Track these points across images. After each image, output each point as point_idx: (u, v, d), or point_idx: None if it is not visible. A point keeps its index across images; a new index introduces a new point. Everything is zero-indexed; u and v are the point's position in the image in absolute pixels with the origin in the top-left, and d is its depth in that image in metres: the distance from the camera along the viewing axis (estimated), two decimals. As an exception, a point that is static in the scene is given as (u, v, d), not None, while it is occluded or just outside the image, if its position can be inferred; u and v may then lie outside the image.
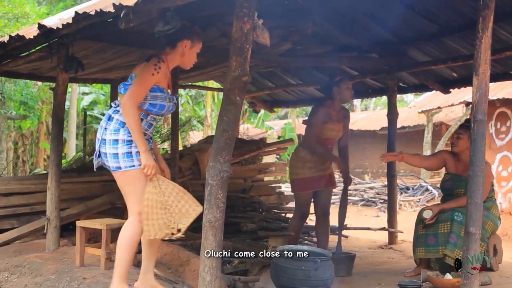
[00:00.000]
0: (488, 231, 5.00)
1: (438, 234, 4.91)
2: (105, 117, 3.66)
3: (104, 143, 3.58)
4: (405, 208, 13.29)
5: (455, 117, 16.37)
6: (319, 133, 5.39)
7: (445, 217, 4.93)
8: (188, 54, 3.77)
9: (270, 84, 8.99)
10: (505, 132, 10.22)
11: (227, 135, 3.55)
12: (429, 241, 4.98)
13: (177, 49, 3.73)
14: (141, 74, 3.58)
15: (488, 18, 3.58)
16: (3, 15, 10.34)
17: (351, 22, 6.21)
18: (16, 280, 4.56)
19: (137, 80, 3.55)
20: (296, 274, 4.07)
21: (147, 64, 3.59)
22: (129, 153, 3.55)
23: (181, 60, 3.79)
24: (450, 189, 5.23)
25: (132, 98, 3.51)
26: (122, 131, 3.56)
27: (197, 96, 22.18)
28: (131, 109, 3.50)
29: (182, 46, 3.73)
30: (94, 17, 3.76)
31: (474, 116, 3.62)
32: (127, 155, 3.54)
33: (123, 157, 3.54)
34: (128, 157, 3.55)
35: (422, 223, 5.05)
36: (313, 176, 5.41)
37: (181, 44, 3.72)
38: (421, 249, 5.03)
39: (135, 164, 3.55)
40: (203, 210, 3.56)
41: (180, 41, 3.71)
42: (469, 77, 3.84)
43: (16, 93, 11.43)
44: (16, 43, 4.78)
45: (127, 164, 3.55)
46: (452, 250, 4.76)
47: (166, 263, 4.84)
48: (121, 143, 3.55)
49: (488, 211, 5.00)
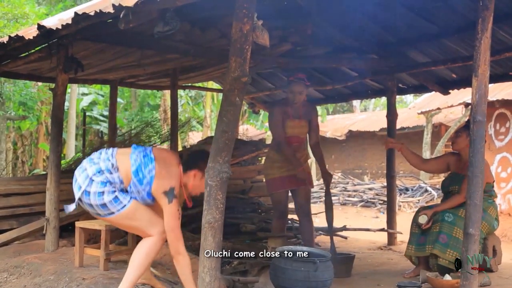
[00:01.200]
0: (483, 232, 5.01)
1: (428, 234, 4.95)
2: (95, 168, 3.63)
3: (87, 194, 3.58)
4: (404, 209, 13.29)
5: (455, 118, 16.37)
6: (282, 132, 5.40)
7: (436, 217, 4.96)
8: (197, 182, 3.80)
9: (269, 85, 8.99)
10: (504, 133, 10.23)
11: (226, 136, 3.55)
12: (420, 240, 5.03)
13: (187, 175, 3.79)
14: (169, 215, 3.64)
15: (487, 19, 3.58)
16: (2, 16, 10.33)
17: (350, 23, 6.21)
18: (15, 281, 4.56)
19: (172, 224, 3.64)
20: (296, 275, 4.07)
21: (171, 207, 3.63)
22: (116, 198, 3.59)
23: (188, 186, 3.83)
24: (447, 187, 5.27)
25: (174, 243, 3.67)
26: (108, 186, 3.59)
27: (196, 97, 22.18)
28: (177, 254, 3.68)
29: (192, 175, 3.78)
30: (94, 17, 3.76)
31: (473, 117, 3.62)
32: (115, 200, 3.59)
33: (111, 204, 3.57)
34: (116, 201, 3.59)
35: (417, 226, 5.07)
36: (282, 176, 5.42)
37: (190, 173, 3.78)
38: (412, 246, 5.09)
39: (125, 203, 3.61)
40: (203, 211, 3.56)
41: (191, 170, 3.78)
42: (469, 78, 3.84)
43: (16, 93, 11.42)
44: (16, 43, 4.78)
45: (118, 207, 3.59)
46: (442, 250, 4.77)
47: (166, 264, 4.83)
48: (107, 194, 3.57)
49: (484, 212, 5.01)
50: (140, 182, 3.63)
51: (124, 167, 3.65)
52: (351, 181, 16.56)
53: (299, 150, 5.51)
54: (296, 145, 5.48)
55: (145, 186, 3.65)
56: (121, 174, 3.63)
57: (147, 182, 3.64)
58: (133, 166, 3.64)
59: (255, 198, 8.01)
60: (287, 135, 5.41)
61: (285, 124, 5.40)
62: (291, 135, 5.43)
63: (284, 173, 5.42)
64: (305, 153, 5.63)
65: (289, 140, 5.43)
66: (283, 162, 5.42)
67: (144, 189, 3.65)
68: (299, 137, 5.49)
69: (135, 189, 3.65)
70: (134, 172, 3.63)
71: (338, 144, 21.05)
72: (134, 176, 3.63)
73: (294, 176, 5.40)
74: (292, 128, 5.43)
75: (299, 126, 5.45)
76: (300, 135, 5.50)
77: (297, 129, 5.45)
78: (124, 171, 3.64)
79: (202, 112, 21.39)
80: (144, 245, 3.70)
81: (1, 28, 10.04)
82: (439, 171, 5.61)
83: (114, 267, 4.60)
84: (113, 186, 3.60)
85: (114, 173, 3.62)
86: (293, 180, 5.42)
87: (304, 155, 5.58)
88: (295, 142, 5.47)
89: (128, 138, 10.29)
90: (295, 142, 5.47)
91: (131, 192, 3.65)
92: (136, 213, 3.64)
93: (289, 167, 5.39)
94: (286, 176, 5.42)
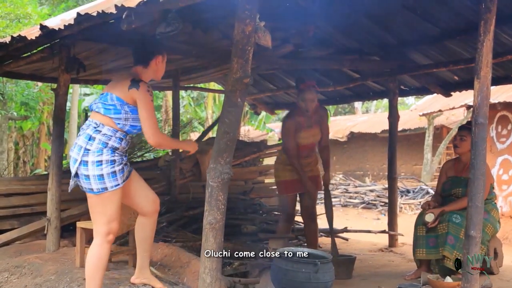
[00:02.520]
0: (488, 234, 5.00)
1: (438, 236, 4.92)
2: (85, 137, 3.57)
3: (85, 164, 3.52)
4: (405, 211, 13.28)
5: (456, 120, 16.36)
6: (293, 145, 5.43)
7: (443, 218, 4.94)
8: (160, 67, 3.83)
9: (271, 86, 8.99)
10: (506, 135, 10.21)
11: (228, 137, 3.55)
12: (430, 243, 4.99)
13: (151, 66, 3.76)
14: (145, 104, 3.57)
15: (489, 22, 3.58)
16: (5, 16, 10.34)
17: (352, 25, 6.21)
18: (16, 281, 4.56)
19: (149, 113, 3.57)
20: (296, 276, 4.06)
21: (142, 91, 3.57)
22: (114, 173, 3.54)
23: (154, 75, 3.82)
24: (448, 190, 5.25)
25: (156, 132, 3.61)
26: (106, 152, 3.54)
27: (198, 98, 22.19)
28: (161, 140, 3.70)
29: (155, 63, 3.77)
30: (96, 18, 3.76)
31: (475, 119, 3.62)
32: (112, 175, 3.52)
33: (108, 177, 3.51)
34: (113, 176, 3.52)
35: (423, 225, 5.05)
36: (294, 179, 5.45)
37: (154, 61, 3.76)
38: (422, 250, 5.04)
39: (119, 183, 3.55)
40: (204, 212, 3.56)
41: (153, 58, 3.75)
42: (471, 81, 3.85)
43: (17, 93, 11.43)
44: (18, 44, 4.78)
45: (113, 183, 3.52)
46: (450, 251, 4.77)
47: (167, 264, 4.83)
48: (105, 164, 3.52)
49: (488, 214, 5.00)
50: (116, 111, 3.59)
51: (101, 118, 3.60)
52: (352, 183, 16.55)
53: (310, 155, 5.57)
54: (307, 151, 5.53)
55: (121, 107, 3.58)
56: (106, 124, 3.58)
57: (120, 104, 3.58)
58: (102, 109, 3.60)
59: (256, 199, 8.01)
60: (300, 144, 5.45)
61: (298, 135, 5.43)
62: (304, 144, 5.48)
63: (295, 176, 5.44)
64: (315, 156, 5.65)
65: (303, 148, 5.48)
66: None
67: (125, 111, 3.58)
68: (313, 144, 5.57)
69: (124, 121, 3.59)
70: (106, 111, 3.59)
71: (340, 145, 21.04)
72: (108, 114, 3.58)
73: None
74: (306, 138, 5.47)
75: (312, 135, 5.50)
76: (314, 142, 5.57)
77: (311, 138, 5.50)
78: (105, 120, 3.59)
79: (203, 113, 21.42)
80: (91, 250, 3.63)
81: (4, 28, 10.04)
82: None
83: (115, 268, 4.60)
84: (111, 148, 3.55)
85: (102, 128, 3.57)
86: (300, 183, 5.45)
87: (314, 159, 5.62)
88: (307, 148, 5.53)
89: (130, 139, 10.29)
90: (307, 148, 5.53)
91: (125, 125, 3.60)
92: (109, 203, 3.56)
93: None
94: (297, 179, 5.44)
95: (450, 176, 5.31)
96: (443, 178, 5.42)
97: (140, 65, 3.75)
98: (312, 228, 5.61)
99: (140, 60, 3.76)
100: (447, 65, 6.33)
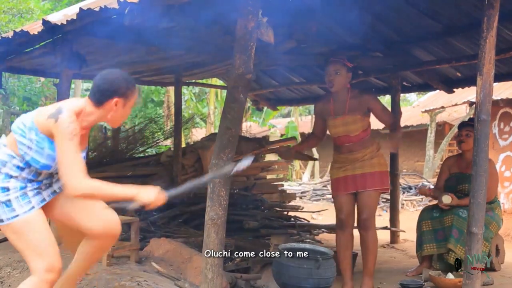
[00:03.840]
0: (492, 231, 5.01)
1: (445, 228, 4.93)
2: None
3: None
4: (407, 208, 13.27)
5: (459, 116, 16.35)
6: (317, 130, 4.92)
7: (450, 211, 4.94)
8: (120, 114, 2.91)
9: (273, 82, 8.98)
10: (508, 132, 10.20)
11: (230, 132, 3.55)
12: (439, 236, 4.99)
13: (104, 108, 2.87)
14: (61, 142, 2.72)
15: (493, 18, 3.58)
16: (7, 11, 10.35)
17: (355, 21, 6.19)
18: (18, 275, 4.57)
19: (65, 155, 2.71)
20: (298, 272, 4.07)
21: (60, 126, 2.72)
22: (8, 202, 2.79)
23: (106, 119, 2.92)
24: (453, 186, 5.24)
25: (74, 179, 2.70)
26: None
27: (200, 94, 22.17)
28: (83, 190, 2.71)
29: (111, 106, 2.85)
30: (99, 13, 3.76)
31: (477, 116, 3.62)
32: (7, 205, 2.77)
33: (1, 208, 2.77)
34: (8, 206, 2.78)
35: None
36: (339, 177, 4.67)
37: (110, 104, 2.85)
38: (432, 245, 5.03)
39: (19, 213, 2.78)
40: (206, 208, 3.56)
41: (110, 99, 2.84)
42: (473, 77, 3.84)
43: (20, 88, 11.45)
44: (21, 39, 4.78)
45: (8, 215, 2.77)
46: (454, 245, 4.77)
47: (168, 260, 4.84)
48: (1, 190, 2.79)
49: (493, 212, 5.03)
50: (22, 133, 2.81)
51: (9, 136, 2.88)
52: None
53: (358, 150, 4.62)
54: (350, 144, 4.64)
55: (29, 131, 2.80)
56: (8, 146, 2.84)
57: (29, 128, 2.81)
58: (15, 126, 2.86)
59: (258, 195, 8.02)
60: (333, 136, 4.72)
61: (327, 124, 4.75)
62: (337, 135, 4.68)
63: (341, 174, 4.66)
64: (369, 151, 4.62)
65: (338, 141, 4.70)
66: (342, 162, 4.68)
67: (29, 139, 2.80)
68: (348, 135, 4.62)
69: (27, 149, 2.80)
70: (14, 130, 2.84)
71: (342, 142, 20.98)
72: (15, 133, 2.82)
73: (352, 177, 4.60)
74: (335, 128, 4.67)
75: (342, 124, 4.61)
76: (351, 134, 4.60)
77: (341, 127, 4.62)
78: (9, 141, 2.86)
79: (205, 109, 21.39)
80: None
81: (6, 23, 10.06)
82: None
83: (117, 263, 4.61)
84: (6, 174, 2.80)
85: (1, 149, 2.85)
86: (349, 181, 4.62)
87: (367, 153, 4.61)
88: (347, 142, 4.64)
89: (132, 134, 10.31)
90: (346, 142, 4.64)
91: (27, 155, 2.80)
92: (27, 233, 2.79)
93: (348, 166, 4.62)
94: (342, 177, 4.65)
95: (454, 173, 5.31)
96: (445, 175, 5.41)
97: (93, 101, 2.86)
98: (363, 239, 4.60)
99: (94, 95, 2.85)
100: (450, 61, 6.31)
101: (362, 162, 4.59)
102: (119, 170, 7.51)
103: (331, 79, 4.58)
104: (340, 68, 4.59)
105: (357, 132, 4.59)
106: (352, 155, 4.61)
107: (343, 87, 4.62)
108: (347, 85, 4.66)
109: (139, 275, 4.19)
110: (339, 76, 4.57)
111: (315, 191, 15.71)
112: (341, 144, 4.67)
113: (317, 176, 20.00)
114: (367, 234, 4.57)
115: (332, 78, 4.58)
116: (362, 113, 4.59)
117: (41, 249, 2.78)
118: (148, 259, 4.89)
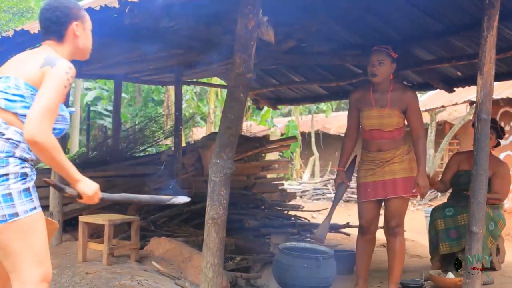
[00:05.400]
0: (500, 229, 5.01)
1: (459, 227, 4.92)
2: None
3: None
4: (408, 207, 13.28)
5: (459, 116, 16.34)
6: (351, 122, 4.56)
7: (464, 210, 4.90)
8: (83, 36, 2.75)
9: (274, 81, 8.98)
10: (508, 131, 10.21)
11: (230, 132, 3.55)
12: (451, 234, 4.98)
13: (67, 38, 2.68)
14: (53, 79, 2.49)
15: (493, 17, 3.57)
16: (7, 10, 10.36)
17: (356, 20, 6.19)
18: None
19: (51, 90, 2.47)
20: (298, 271, 4.07)
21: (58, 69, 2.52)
22: (27, 190, 2.43)
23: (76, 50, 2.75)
24: (465, 184, 5.16)
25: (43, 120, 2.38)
26: (13, 161, 2.42)
27: (201, 93, 22.18)
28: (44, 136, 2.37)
29: (72, 31, 2.67)
30: (99, 12, 3.76)
31: (478, 115, 3.62)
32: (25, 194, 2.42)
33: (19, 197, 2.39)
34: (26, 196, 2.42)
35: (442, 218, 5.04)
36: (366, 182, 4.42)
37: (70, 30, 2.67)
38: (445, 244, 5.01)
39: (36, 205, 2.46)
40: (206, 207, 3.56)
41: (68, 27, 2.65)
42: (474, 76, 3.83)
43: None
44: (21, 38, 4.78)
45: (27, 207, 2.41)
46: None
47: (169, 259, 4.85)
48: (13, 178, 2.40)
49: (499, 210, 5.03)
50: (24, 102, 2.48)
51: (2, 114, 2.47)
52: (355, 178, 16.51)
53: (388, 149, 4.34)
54: (380, 141, 4.35)
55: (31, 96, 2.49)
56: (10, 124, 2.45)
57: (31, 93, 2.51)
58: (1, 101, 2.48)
59: (258, 195, 8.03)
60: (364, 128, 4.41)
61: (361, 114, 4.42)
62: (369, 128, 4.37)
63: (369, 178, 4.38)
64: (399, 152, 4.35)
65: (369, 135, 4.40)
66: (369, 164, 4.42)
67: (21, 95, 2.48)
68: (381, 130, 4.32)
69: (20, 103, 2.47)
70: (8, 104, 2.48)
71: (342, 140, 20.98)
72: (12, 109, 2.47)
73: (384, 182, 4.34)
74: (369, 119, 4.36)
75: (378, 116, 4.31)
76: (384, 128, 4.31)
77: (376, 119, 4.32)
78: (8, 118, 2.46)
79: (206, 108, 21.40)
80: None
81: (7, 22, 10.07)
82: None
83: (117, 262, 4.62)
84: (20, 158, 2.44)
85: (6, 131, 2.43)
86: (380, 186, 4.36)
87: (396, 155, 4.34)
88: (378, 137, 4.35)
89: (132, 133, 10.31)
90: (378, 137, 4.35)
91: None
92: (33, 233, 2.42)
93: (377, 169, 4.36)
94: (371, 182, 4.37)
95: (465, 170, 5.22)
96: (452, 170, 5.37)
97: (52, 39, 2.66)
98: (391, 245, 4.40)
99: (52, 31, 2.65)
100: (450, 60, 6.31)
101: (391, 165, 4.32)
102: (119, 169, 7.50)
103: (374, 70, 4.32)
104: (384, 58, 4.34)
105: (391, 128, 4.31)
106: (381, 155, 4.35)
107: (386, 78, 4.37)
108: (390, 76, 4.41)
109: (139, 274, 4.19)
110: (383, 67, 4.32)
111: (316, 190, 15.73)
112: (371, 139, 4.39)
113: (317, 175, 20.01)
114: (395, 240, 4.39)
115: (375, 69, 4.32)
116: (401, 109, 4.33)
117: (43, 255, 2.44)
118: (148, 258, 4.89)
